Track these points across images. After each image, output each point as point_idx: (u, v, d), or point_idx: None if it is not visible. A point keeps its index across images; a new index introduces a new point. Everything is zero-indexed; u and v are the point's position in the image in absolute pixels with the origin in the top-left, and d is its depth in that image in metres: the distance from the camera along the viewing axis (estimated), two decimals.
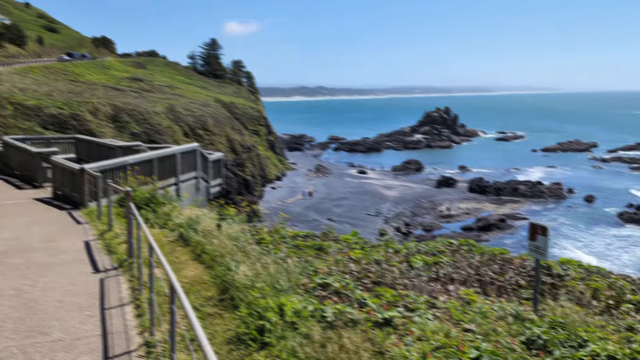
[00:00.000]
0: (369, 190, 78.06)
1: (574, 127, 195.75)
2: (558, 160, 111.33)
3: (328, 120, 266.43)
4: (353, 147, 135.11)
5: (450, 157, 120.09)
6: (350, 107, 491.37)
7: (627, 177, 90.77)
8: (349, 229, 57.99)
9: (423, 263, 8.43)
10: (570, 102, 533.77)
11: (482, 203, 72.71)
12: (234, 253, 8.08)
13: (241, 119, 72.67)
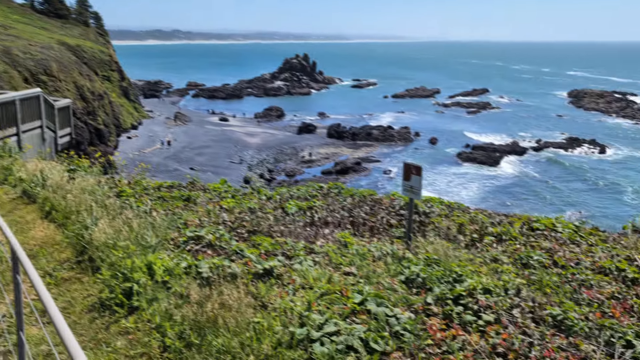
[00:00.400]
0: (231, 137, 76.92)
1: (421, 74, 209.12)
2: (406, 105, 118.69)
3: (186, 66, 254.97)
4: (213, 94, 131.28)
5: (310, 103, 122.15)
6: (209, 52, 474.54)
7: (464, 120, 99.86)
8: (213, 177, 57.01)
9: (297, 208, 8.38)
10: (418, 50, 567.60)
11: (339, 148, 75.52)
12: (91, 209, 7.30)
13: (90, 63, 66.32)
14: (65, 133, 20.74)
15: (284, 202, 8.57)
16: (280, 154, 71.16)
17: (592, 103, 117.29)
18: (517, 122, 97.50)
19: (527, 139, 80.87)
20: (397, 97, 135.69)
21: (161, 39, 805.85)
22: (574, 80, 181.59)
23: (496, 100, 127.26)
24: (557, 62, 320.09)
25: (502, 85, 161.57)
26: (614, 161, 69.10)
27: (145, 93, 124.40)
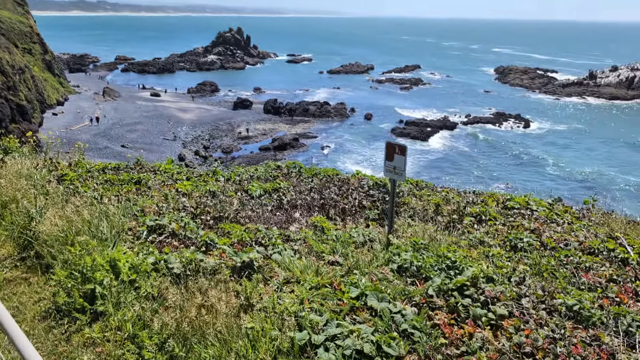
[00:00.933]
0: (164, 113, 74.33)
1: (355, 50, 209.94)
2: (341, 81, 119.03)
3: (113, 39, 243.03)
4: (143, 68, 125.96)
5: (245, 78, 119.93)
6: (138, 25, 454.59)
7: (397, 97, 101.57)
8: (146, 155, 54.78)
9: (262, 191, 7.87)
10: (353, 26, 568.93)
11: (277, 124, 74.80)
12: (33, 196, 6.37)
13: (8, 35, 61.61)
14: None
15: (246, 183, 8.01)
16: (215, 130, 69.57)
17: (517, 79, 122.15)
18: (447, 98, 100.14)
19: (457, 114, 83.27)
20: (332, 72, 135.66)
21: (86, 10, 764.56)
22: (499, 57, 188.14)
23: (427, 77, 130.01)
24: (484, 39, 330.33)
25: (433, 62, 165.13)
26: (537, 135, 72.50)
27: (71, 67, 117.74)
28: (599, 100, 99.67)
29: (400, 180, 6.59)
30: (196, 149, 60.24)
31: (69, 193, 6.75)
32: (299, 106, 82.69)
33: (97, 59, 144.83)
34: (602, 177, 54.83)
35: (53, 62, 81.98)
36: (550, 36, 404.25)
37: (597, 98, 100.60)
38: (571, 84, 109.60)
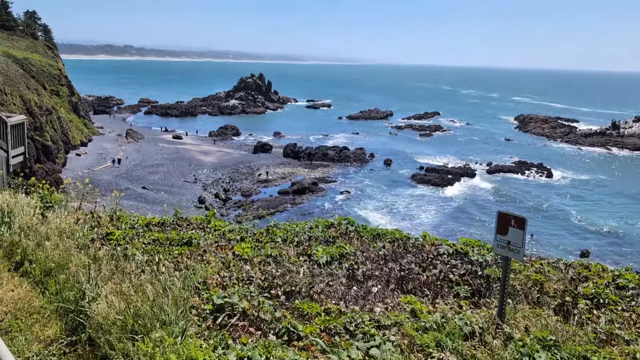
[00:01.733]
0: (185, 156, 74.84)
1: (373, 96, 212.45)
2: (361, 127, 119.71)
3: (138, 82, 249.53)
4: (166, 111, 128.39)
5: (265, 123, 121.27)
6: (162, 69, 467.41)
7: (417, 143, 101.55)
8: (166, 197, 54.89)
9: (328, 256, 6.92)
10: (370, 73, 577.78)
11: (296, 168, 74.83)
12: (81, 263, 5.60)
13: (38, 77, 63.17)
14: (18, 153, 18.58)
15: (306, 245, 7.25)
16: (236, 173, 69.72)
17: (538, 128, 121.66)
18: (467, 145, 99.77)
19: (478, 162, 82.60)
20: (351, 118, 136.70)
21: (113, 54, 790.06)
22: (518, 105, 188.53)
23: (447, 124, 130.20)
24: (502, 87, 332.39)
25: (452, 109, 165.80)
26: (559, 185, 71.31)
27: (96, 109, 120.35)
28: (622, 151, 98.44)
29: (517, 258, 5.42)
30: (216, 192, 60.18)
31: (118, 256, 6.06)
32: (318, 151, 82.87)
33: (121, 102, 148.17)
34: (630, 231, 53.24)
35: (79, 104, 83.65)
36: (569, 85, 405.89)
37: (621, 149, 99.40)
38: (593, 134, 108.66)
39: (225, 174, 68.16)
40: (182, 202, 54.42)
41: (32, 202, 7.87)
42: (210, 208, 53.89)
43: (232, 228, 8.50)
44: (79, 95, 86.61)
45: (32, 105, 51.99)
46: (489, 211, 57.22)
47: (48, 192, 9.06)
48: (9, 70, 51.11)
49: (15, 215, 7.37)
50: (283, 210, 54.64)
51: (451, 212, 56.28)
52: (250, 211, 53.70)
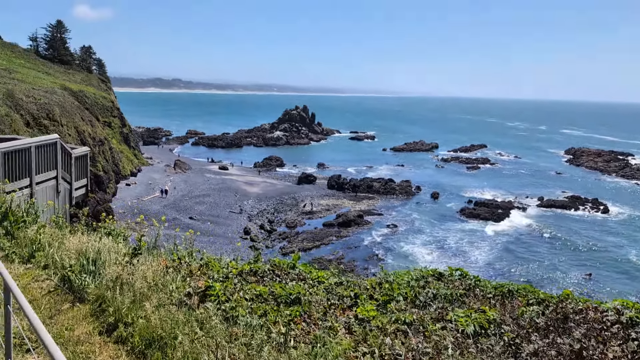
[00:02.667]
0: (231, 186, 75.57)
1: (417, 128, 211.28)
2: (405, 159, 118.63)
3: (185, 114, 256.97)
4: (213, 142, 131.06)
5: (309, 154, 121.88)
6: (208, 102, 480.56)
7: (464, 176, 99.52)
8: (212, 228, 55.22)
9: (475, 324, 5.79)
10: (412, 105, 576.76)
11: (340, 200, 74.31)
12: (191, 330, 4.67)
13: (92, 109, 65.63)
14: (81, 185, 18.39)
15: (441, 309, 6.28)
16: (280, 204, 69.77)
17: (590, 162, 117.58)
18: (517, 179, 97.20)
19: (529, 196, 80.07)
20: (396, 150, 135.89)
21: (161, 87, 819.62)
22: (568, 138, 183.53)
23: (494, 157, 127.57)
24: (549, 120, 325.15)
25: (499, 142, 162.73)
26: (617, 222, 68.04)
27: (145, 140, 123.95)
28: None
29: None
30: (261, 223, 60.18)
31: (224, 319, 5.15)
32: (363, 182, 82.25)
33: (169, 133, 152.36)
34: None
35: (130, 135, 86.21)
36: (619, 118, 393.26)
37: None
38: None
39: (270, 205, 68.31)
40: (228, 233, 54.67)
41: (117, 247, 7.37)
42: (256, 239, 53.87)
43: (339, 279, 7.72)
44: (129, 127, 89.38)
45: (85, 136, 53.78)
46: (544, 248, 54.91)
47: (124, 231, 8.71)
48: (66, 102, 53.18)
49: (102, 263, 6.49)
50: (328, 243, 53.99)
51: (504, 248, 54.18)
52: (295, 243, 53.34)
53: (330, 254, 50.50)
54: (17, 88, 46.07)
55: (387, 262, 48.60)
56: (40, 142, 13.93)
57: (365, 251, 52.12)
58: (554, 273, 47.10)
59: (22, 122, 39.32)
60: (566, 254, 53.20)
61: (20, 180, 12.67)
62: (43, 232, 7.96)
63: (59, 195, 15.31)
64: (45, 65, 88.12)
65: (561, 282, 44.70)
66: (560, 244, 56.68)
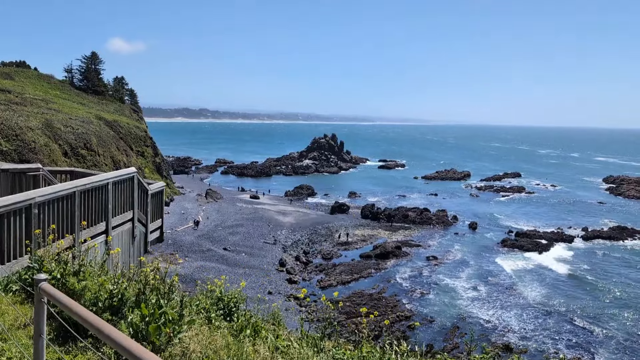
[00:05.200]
0: (264, 216, 74.16)
1: (447, 156, 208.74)
2: (437, 187, 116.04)
3: (213, 143, 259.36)
4: (242, 171, 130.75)
5: (339, 183, 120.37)
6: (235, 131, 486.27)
7: (500, 205, 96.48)
8: (247, 259, 53.66)
9: None
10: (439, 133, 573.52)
11: (375, 230, 72.25)
12: None
13: (126, 138, 65.53)
14: (156, 226, 16.05)
15: None
16: (314, 234, 68.00)
17: (632, 190, 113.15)
18: (556, 208, 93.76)
19: (572, 227, 76.69)
20: (427, 178, 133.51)
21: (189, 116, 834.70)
22: (604, 166, 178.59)
23: (530, 185, 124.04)
24: (581, 147, 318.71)
25: (533, 170, 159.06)
26: None
27: (175, 169, 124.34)
28: None
29: None
30: (297, 254, 58.39)
31: None
32: (398, 212, 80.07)
33: (199, 162, 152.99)
34: None
35: (162, 164, 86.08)
36: None
37: None
38: None
39: (304, 235, 66.59)
40: (263, 264, 52.99)
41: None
42: (292, 272, 52.02)
43: None
44: (162, 156, 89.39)
45: (121, 165, 53.25)
46: (596, 281, 51.69)
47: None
48: (102, 132, 52.92)
49: None
50: (367, 276, 51.78)
51: (553, 284, 51.01)
52: (333, 276, 51.29)
53: (370, 288, 48.29)
54: (55, 118, 45.83)
55: (429, 297, 46.23)
56: (118, 178, 11.65)
57: (407, 285, 49.73)
58: (613, 310, 43.93)
59: (60, 151, 38.77)
60: (621, 288, 49.88)
61: (97, 225, 10.54)
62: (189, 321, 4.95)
63: (135, 240, 12.98)
64: (80, 96, 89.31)
65: (623, 321, 41.57)
66: (612, 277, 53.35)
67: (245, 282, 33.24)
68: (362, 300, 44.24)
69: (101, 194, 10.30)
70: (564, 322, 40.79)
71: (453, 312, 42.77)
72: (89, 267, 5.46)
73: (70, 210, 8.82)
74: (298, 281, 49.68)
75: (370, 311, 25.96)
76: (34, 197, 7.64)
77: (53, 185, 8.28)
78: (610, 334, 38.86)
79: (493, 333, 38.64)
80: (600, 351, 35.82)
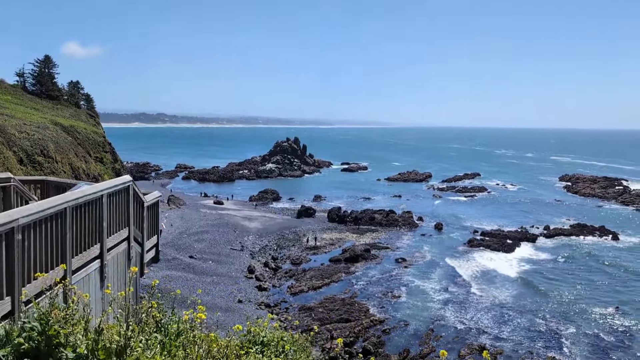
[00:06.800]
0: (229, 222, 72.57)
1: (408, 158, 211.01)
2: (401, 189, 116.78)
3: (172, 148, 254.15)
4: (204, 176, 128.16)
5: (304, 186, 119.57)
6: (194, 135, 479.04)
7: (463, 205, 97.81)
8: (214, 267, 52.15)
9: None
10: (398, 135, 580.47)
11: (343, 233, 71.77)
12: None
13: (84, 144, 62.77)
14: (152, 245, 13.70)
15: None
16: (282, 239, 66.96)
17: (587, 188, 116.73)
18: (517, 207, 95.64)
19: (534, 225, 78.17)
20: (390, 180, 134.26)
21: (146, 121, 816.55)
22: (559, 166, 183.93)
23: (490, 185, 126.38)
24: (535, 147, 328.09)
25: (491, 170, 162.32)
26: (630, 249, 66.17)
27: (135, 175, 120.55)
28: None
29: None
30: (265, 260, 57.20)
31: None
32: (365, 214, 79.82)
33: (158, 167, 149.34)
34: None
35: (122, 171, 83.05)
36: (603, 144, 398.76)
37: None
38: None
39: (271, 241, 65.41)
40: (231, 272, 51.60)
41: None
42: (262, 278, 50.82)
43: None
44: (121, 162, 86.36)
45: (80, 172, 50.88)
46: (563, 280, 52.52)
47: None
48: (59, 137, 50.46)
49: None
50: (338, 280, 51.05)
51: (522, 281, 51.46)
52: (304, 281, 50.35)
53: (342, 292, 47.58)
54: (8, 123, 43.30)
55: (402, 301, 45.91)
56: (113, 189, 9.45)
57: (378, 287, 49.28)
58: (582, 306, 44.64)
59: (15, 159, 36.52)
60: (587, 284, 50.87)
61: (91, 249, 8.44)
62: None
63: (130, 263, 10.94)
64: (33, 101, 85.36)
65: (592, 316, 42.25)
66: (578, 274, 54.40)
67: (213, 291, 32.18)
68: (335, 306, 43.49)
69: (95, 209, 8.41)
70: (537, 321, 41.12)
71: (426, 315, 42.52)
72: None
73: (60, 233, 7.03)
74: (268, 288, 48.55)
75: (342, 329, 25.44)
76: (17, 219, 5.77)
77: (39, 202, 6.57)
78: (582, 331, 39.39)
79: (467, 335, 38.53)
80: (573, 349, 36.19)
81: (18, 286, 5.81)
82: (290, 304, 44.84)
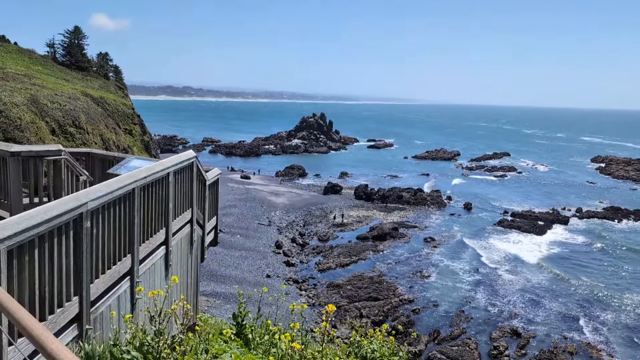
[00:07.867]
0: (257, 197, 72.50)
1: (435, 136, 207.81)
2: (429, 168, 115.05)
3: (198, 122, 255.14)
4: (230, 150, 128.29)
5: (330, 163, 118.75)
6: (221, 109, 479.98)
7: (493, 185, 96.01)
8: (242, 241, 52.22)
9: None
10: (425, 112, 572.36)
11: (370, 210, 71.07)
12: None
13: (113, 116, 62.78)
14: (212, 226, 12.84)
15: None
16: (309, 215, 66.64)
17: (621, 170, 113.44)
18: (548, 188, 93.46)
19: (566, 207, 76.28)
20: (417, 158, 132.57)
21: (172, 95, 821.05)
22: (590, 146, 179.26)
23: (520, 165, 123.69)
24: (566, 127, 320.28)
25: (520, 150, 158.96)
26: None
27: (162, 148, 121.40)
28: None
29: None
30: (292, 236, 57.06)
31: None
32: (392, 192, 78.91)
33: (185, 140, 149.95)
34: None
35: (150, 143, 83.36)
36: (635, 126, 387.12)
37: None
38: None
39: (298, 217, 65.16)
40: (259, 247, 51.59)
41: None
42: (289, 254, 50.69)
43: None
44: (150, 135, 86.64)
45: (110, 144, 50.93)
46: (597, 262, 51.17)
47: None
48: (90, 109, 50.45)
49: None
50: (366, 258, 50.63)
51: (555, 264, 50.23)
52: (331, 258, 50.06)
53: (370, 271, 47.17)
54: (40, 94, 43.32)
55: (431, 281, 45.30)
56: (178, 166, 8.53)
57: (407, 267, 48.72)
58: (617, 293, 43.43)
59: (48, 129, 36.52)
60: (623, 271, 49.49)
61: (156, 235, 7.64)
62: None
63: (192, 248, 10.08)
64: (63, 72, 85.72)
65: (629, 305, 41.07)
66: (613, 259, 52.95)
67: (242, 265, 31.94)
68: (363, 284, 43.13)
69: (161, 189, 7.52)
70: (571, 306, 40.14)
71: (456, 296, 41.89)
72: None
73: (129, 217, 6.26)
74: (296, 263, 48.41)
75: (371, 307, 24.58)
76: (85, 202, 4.93)
77: (107, 182, 5.69)
78: (619, 320, 38.27)
79: (499, 317, 37.84)
80: (610, 338, 35.21)
81: (87, 284, 5.13)
82: (318, 280, 44.64)
